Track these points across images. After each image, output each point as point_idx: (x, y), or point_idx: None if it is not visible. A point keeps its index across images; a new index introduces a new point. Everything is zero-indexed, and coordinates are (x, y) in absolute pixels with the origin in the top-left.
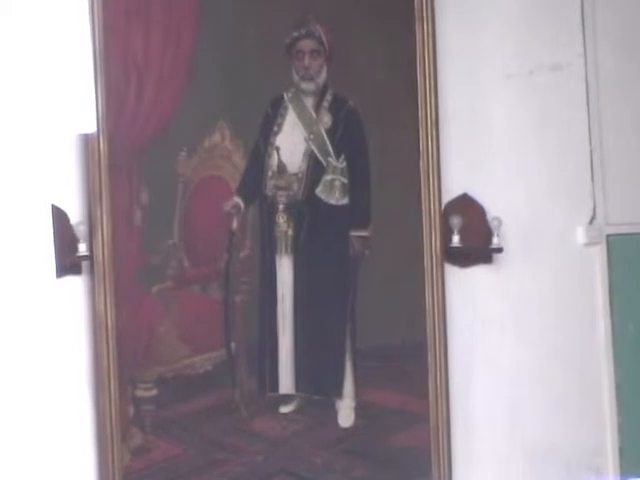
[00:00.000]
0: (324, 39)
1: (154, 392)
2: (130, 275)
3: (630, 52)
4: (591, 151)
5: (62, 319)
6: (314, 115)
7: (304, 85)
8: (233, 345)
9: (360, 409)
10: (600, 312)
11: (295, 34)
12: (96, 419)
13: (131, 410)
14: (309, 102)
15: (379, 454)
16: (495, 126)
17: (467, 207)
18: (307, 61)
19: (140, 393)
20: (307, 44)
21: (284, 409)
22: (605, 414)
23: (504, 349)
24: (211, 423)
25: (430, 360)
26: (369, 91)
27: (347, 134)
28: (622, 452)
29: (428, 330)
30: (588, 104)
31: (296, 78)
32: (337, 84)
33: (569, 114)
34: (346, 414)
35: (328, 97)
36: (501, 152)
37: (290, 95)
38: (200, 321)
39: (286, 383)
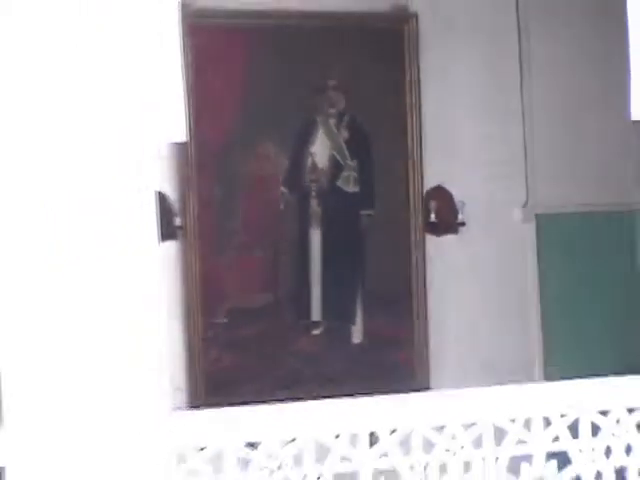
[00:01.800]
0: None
1: (225, 320)
2: (209, 240)
3: (562, 39)
4: (525, 144)
5: (164, 271)
6: (335, 131)
7: (330, 111)
8: (279, 289)
9: (366, 332)
10: (530, 265)
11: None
12: (186, 339)
13: (210, 333)
14: (332, 122)
15: (379, 362)
16: (458, 135)
17: (441, 194)
18: (331, 95)
19: (216, 320)
20: (331, 84)
21: (314, 332)
22: (533, 336)
23: (465, 290)
24: (264, 342)
25: (414, 299)
26: (373, 112)
27: (358, 143)
28: (546, 363)
29: (413, 278)
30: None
31: (324, 106)
32: (351, 109)
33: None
34: (357, 335)
35: (346, 118)
36: (462, 155)
37: (320, 118)
38: (256, 272)
39: (316, 313)
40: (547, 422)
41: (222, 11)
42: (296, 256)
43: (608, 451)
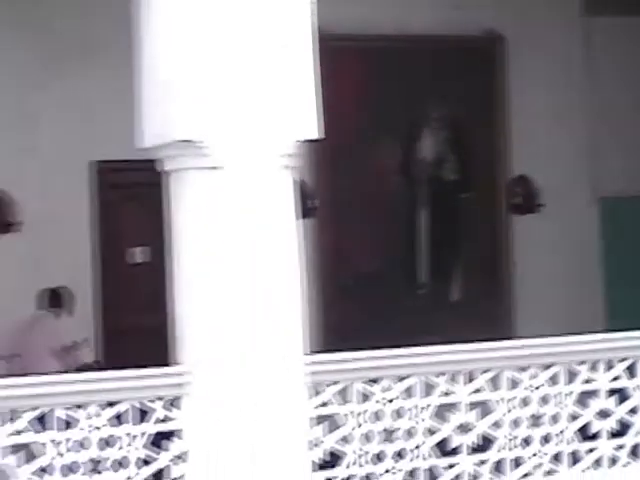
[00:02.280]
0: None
1: (350, 282)
2: (337, 218)
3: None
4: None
5: (300, 241)
6: (438, 130)
7: (433, 115)
8: (394, 257)
9: (462, 291)
10: (596, 240)
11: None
12: (320, 297)
13: (338, 292)
14: (436, 124)
15: (473, 315)
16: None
17: (524, 180)
18: (434, 102)
19: (343, 282)
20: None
21: (420, 291)
22: (599, 296)
23: (543, 258)
24: (381, 299)
25: (502, 265)
26: (467, 115)
27: (456, 140)
28: (609, 317)
29: (502, 248)
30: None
31: (429, 111)
32: (450, 113)
33: None
34: (454, 294)
35: (446, 120)
36: (540, 148)
37: (426, 121)
38: (375, 244)
39: (422, 276)
40: (609, 365)
41: (346, 35)
42: (407, 231)
43: None
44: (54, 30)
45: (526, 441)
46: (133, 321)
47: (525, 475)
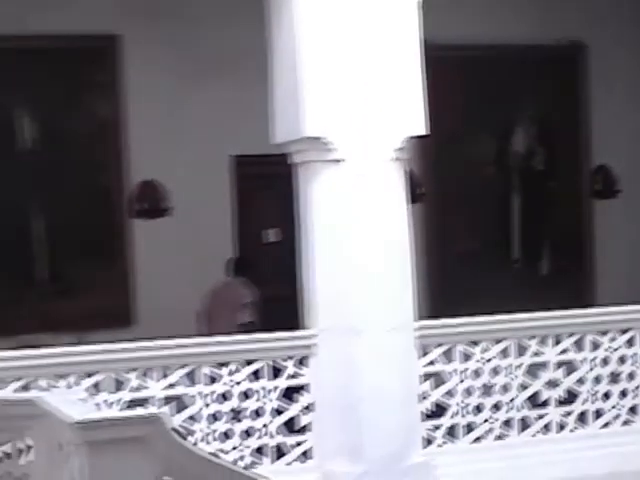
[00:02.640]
0: None
1: (455, 257)
2: (442, 203)
3: None
4: None
5: (410, 223)
6: (529, 127)
7: (524, 113)
8: (491, 236)
9: (550, 266)
10: None
11: None
12: (427, 271)
13: (443, 266)
14: (526, 121)
15: (559, 287)
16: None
17: (603, 170)
18: (524, 102)
19: (448, 257)
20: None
21: (514, 266)
22: None
23: (621, 236)
24: (480, 272)
25: (585, 243)
26: (554, 114)
27: (544, 135)
28: None
29: (584, 229)
30: None
31: (520, 110)
32: (539, 111)
33: None
34: (544, 268)
35: (535, 118)
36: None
37: (518, 118)
38: (474, 225)
39: (514, 253)
40: None
41: (446, 45)
42: (502, 213)
43: None
44: (201, 45)
45: (606, 395)
46: (271, 291)
47: (605, 424)
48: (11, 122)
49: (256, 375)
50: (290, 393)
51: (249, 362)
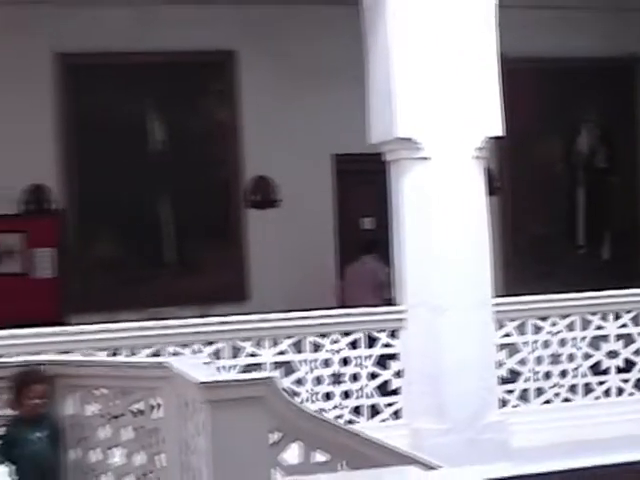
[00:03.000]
0: None
1: (525, 243)
2: (516, 195)
3: None
4: None
5: (488, 213)
6: (592, 130)
7: (587, 117)
8: (557, 224)
9: (611, 251)
10: None
11: None
12: (504, 253)
13: (516, 250)
14: (589, 124)
15: (620, 270)
16: None
17: None
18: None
19: (520, 242)
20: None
21: (579, 251)
22: None
23: None
24: (548, 256)
25: None
26: (614, 118)
27: (605, 137)
28: None
29: None
30: None
31: (584, 115)
32: (600, 116)
33: None
34: (605, 253)
35: (597, 122)
36: None
37: (582, 122)
38: (542, 214)
39: (579, 240)
40: None
41: (520, 57)
42: (568, 205)
43: None
44: (306, 56)
45: None
46: None
47: None
48: (143, 126)
49: (353, 345)
50: (383, 361)
51: (347, 333)
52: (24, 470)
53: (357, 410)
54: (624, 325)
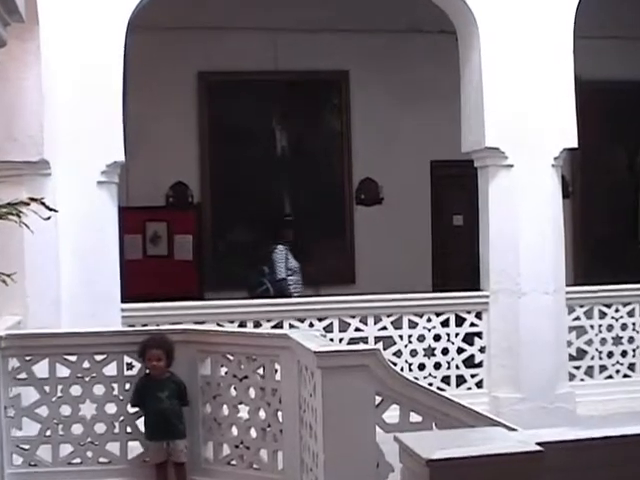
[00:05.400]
0: None
1: (591, 241)
2: (586, 200)
3: None
4: None
5: (562, 214)
6: None
7: None
8: (623, 223)
9: None
10: None
11: None
12: (573, 245)
13: (585, 244)
14: None
15: None
16: None
17: None
18: None
19: (589, 239)
20: None
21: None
22: None
23: None
24: (611, 252)
25: None
26: None
27: None
28: None
29: None
30: None
31: None
32: None
33: None
34: None
35: None
36: None
37: None
38: (610, 212)
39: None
40: None
41: (591, 80)
42: (631, 208)
43: None
44: (408, 75)
45: None
46: (457, 261)
47: None
48: (271, 135)
49: (444, 324)
50: (469, 338)
51: (439, 314)
52: (151, 421)
53: (446, 380)
54: None
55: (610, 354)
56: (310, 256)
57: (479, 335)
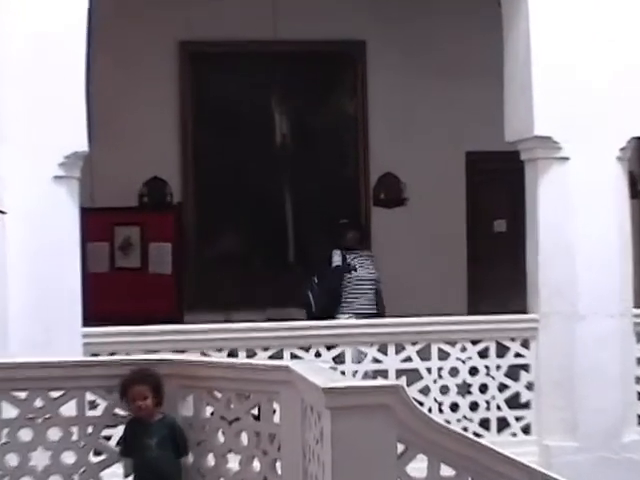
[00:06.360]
0: None
1: None
2: None
3: None
4: None
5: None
6: None
7: None
8: None
9: None
10: None
11: None
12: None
13: None
14: None
15: None
16: None
17: None
18: None
19: None
20: None
21: None
22: None
23: None
24: None
25: None
26: None
27: None
28: None
29: None
30: None
31: None
32: None
33: None
34: None
35: None
36: None
37: None
38: None
39: None
40: None
41: None
42: None
43: None
44: (434, 49)
45: None
46: (498, 276)
47: None
48: (269, 120)
49: (482, 354)
50: (514, 371)
51: (475, 341)
52: (138, 475)
53: (484, 424)
54: None
55: None
56: (317, 269)
57: (526, 368)
